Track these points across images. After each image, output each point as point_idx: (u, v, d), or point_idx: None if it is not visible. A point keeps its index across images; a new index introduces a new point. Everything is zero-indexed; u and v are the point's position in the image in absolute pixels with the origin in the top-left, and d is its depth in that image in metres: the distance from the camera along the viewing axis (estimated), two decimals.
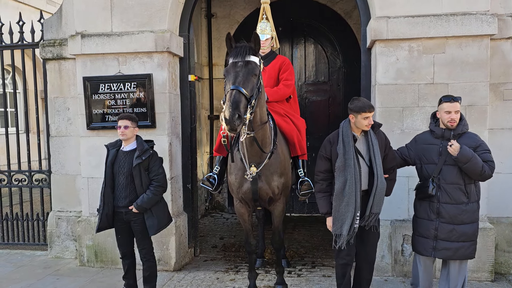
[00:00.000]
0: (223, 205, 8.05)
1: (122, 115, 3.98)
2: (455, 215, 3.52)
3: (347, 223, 3.45)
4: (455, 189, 3.52)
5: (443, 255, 3.60)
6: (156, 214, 3.95)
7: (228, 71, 3.37)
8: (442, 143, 3.58)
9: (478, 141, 3.58)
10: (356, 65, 5.83)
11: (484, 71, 4.47)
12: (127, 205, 3.91)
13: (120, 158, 3.94)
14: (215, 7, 7.80)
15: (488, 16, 4.38)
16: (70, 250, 5.58)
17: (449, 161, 3.53)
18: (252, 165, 3.84)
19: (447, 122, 3.54)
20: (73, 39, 5.06)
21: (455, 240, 3.52)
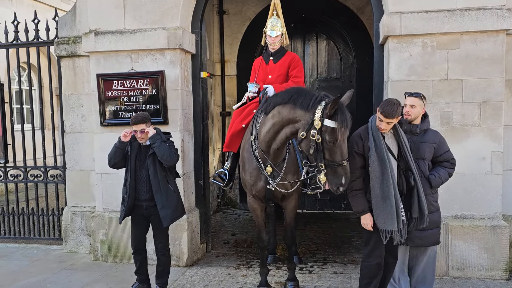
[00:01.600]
0: (235, 201, 8.07)
1: (136, 119, 3.91)
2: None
3: (393, 217, 3.40)
4: (424, 182, 3.62)
5: (416, 244, 3.72)
6: (169, 205, 3.99)
7: (337, 140, 3.25)
8: (410, 137, 3.66)
9: (440, 138, 3.73)
10: (369, 61, 5.79)
11: (500, 66, 4.40)
12: (149, 199, 3.98)
13: (141, 152, 4.01)
14: (227, 4, 7.80)
15: (504, 11, 4.30)
16: (84, 245, 5.66)
17: (418, 155, 3.65)
18: (268, 166, 3.86)
19: (404, 114, 3.66)
20: (87, 36, 5.11)
21: (426, 228, 3.64)
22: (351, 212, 7.44)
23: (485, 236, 4.48)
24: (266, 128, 3.73)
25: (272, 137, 3.72)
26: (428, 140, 3.67)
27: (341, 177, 3.27)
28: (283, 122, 3.59)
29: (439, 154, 3.69)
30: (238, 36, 7.81)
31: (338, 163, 3.26)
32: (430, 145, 3.66)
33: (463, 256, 4.51)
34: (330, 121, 3.23)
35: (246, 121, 4.32)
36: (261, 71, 4.61)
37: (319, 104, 3.30)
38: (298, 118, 3.44)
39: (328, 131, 3.23)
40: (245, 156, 4.09)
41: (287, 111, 3.53)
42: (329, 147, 3.25)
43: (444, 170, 3.69)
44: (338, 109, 3.22)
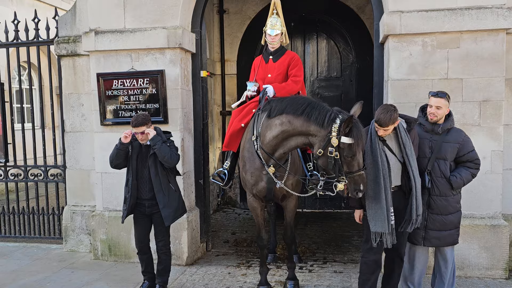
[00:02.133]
0: (235, 201, 8.08)
1: (136, 121, 3.89)
2: (443, 206, 3.64)
3: (384, 219, 3.44)
4: (443, 182, 3.62)
5: (433, 244, 3.73)
6: (171, 204, 4.03)
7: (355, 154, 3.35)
8: (432, 137, 3.64)
9: (464, 137, 3.68)
10: (369, 61, 5.79)
11: (500, 65, 4.39)
12: (151, 198, 4.00)
13: (142, 152, 4.02)
14: (227, 3, 7.80)
15: (504, 10, 4.30)
16: (85, 244, 5.67)
17: (439, 155, 3.62)
18: (271, 166, 3.87)
19: (428, 114, 3.64)
20: (87, 35, 5.11)
21: (444, 229, 3.66)
22: (352, 211, 7.44)
23: (485, 235, 4.48)
24: (274, 133, 3.76)
25: (280, 142, 3.77)
26: (450, 140, 3.62)
27: (359, 184, 3.38)
28: (295, 133, 3.65)
29: (463, 154, 3.63)
30: (238, 35, 7.81)
31: (358, 173, 3.37)
32: (453, 145, 3.62)
33: (463, 255, 4.50)
34: (347, 138, 3.33)
35: (245, 120, 4.32)
36: (260, 70, 4.61)
37: (334, 122, 3.39)
38: (312, 132, 3.52)
39: (346, 147, 3.34)
40: (246, 155, 4.10)
41: (300, 123, 3.59)
42: (347, 161, 3.37)
43: (467, 171, 3.64)
44: (353, 126, 3.32)
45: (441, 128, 3.62)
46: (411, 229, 3.57)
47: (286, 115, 3.67)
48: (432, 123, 3.65)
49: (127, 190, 4.03)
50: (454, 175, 3.62)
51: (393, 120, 3.41)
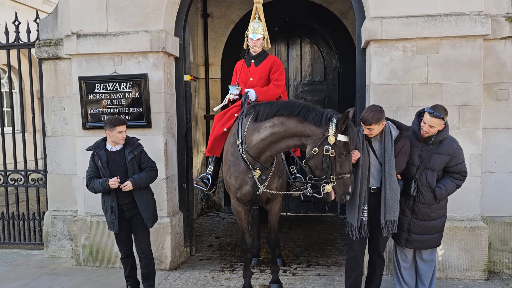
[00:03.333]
0: (219, 205, 8.06)
1: (121, 120, 3.96)
2: (426, 213, 3.72)
3: (354, 213, 3.63)
4: (428, 192, 3.68)
5: (415, 246, 3.81)
6: (150, 206, 4.08)
7: (349, 153, 3.46)
8: (423, 146, 3.67)
9: (456, 149, 3.68)
10: (352, 65, 5.86)
11: (478, 71, 4.49)
12: (130, 202, 3.98)
13: (113, 158, 3.99)
14: (211, 7, 7.81)
15: (481, 17, 4.41)
16: (66, 249, 5.59)
17: (428, 166, 3.66)
18: (257, 169, 3.88)
19: (420, 129, 3.65)
20: (69, 39, 5.06)
21: (426, 233, 3.75)
22: (335, 214, 7.53)
23: (465, 237, 4.56)
24: (262, 135, 3.74)
25: (268, 145, 3.75)
26: (442, 152, 3.64)
27: (348, 186, 3.48)
28: (286, 134, 3.65)
29: (452, 165, 3.67)
30: (222, 39, 7.82)
31: (348, 175, 3.45)
32: (443, 157, 3.64)
33: (444, 257, 4.58)
34: (343, 136, 3.42)
35: (227, 125, 4.33)
36: (242, 73, 4.63)
37: (331, 121, 3.45)
38: (307, 132, 3.54)
39: (341, 145, 3.42)
40: (230, 159, 4.09)
41: (294, 124, 3.60)
42: (341, 160, 3.44)
43: (453, 182, 3.69)
44: (348, 125, 3.42)
45: (432, 141, 3.63)
46: (385, 234, 3.64)
47: (278, 117, 3.67)
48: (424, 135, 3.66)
49: (111, 199, 3.97)
50: (439, 187, 3.66)
51: (376, 120, 3.48)
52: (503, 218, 4.79)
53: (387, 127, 3.63)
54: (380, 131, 3.62)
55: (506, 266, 4.77)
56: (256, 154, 3.83)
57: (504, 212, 4.79)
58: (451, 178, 3.69)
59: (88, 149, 4.07)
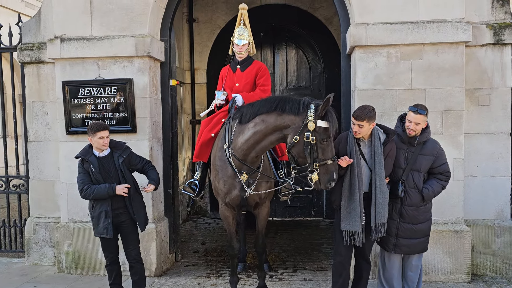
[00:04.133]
0: (205, 210, 8.02)
1: (101, 126, 3.92)
2: (414, 216, 3.76)
3: (357, 219, 3.59)
4: (416, 193, 3.73)
5: (403, 251, 3.83)
6: (141, 209, 4.06)
7: (329, 138, 3.47)
8: (408, 148, 3.74)
9: (439, 150, 3.79)
10: (337, 71, 5.92)
11: (460, 77, 4.58)
12: (120, 207, 3.95)
13: (103, 164, 3.95)
14: (197, 12, 7.80)
15: (463, 24, 4.50)
16: (48, 257, 5.48)
17: (414, 167, 3.73)
18: (244, 173, 3.87)
19: (406, 129, 3.72)
20: (52, 42, 5.00)
21: (414, 237, 3.78)
22: (321, 219, 7.56)
23: (449, 241, 4.63)
24: (246, 136, 3.77)
25: (252, 145, 3.77)
26: (426, 153, 3.73)
27: (332, 173, 3.48)
28: (267, 131, 3.67)
29: (436, 166, 3.75)
30: (208, 44, 7.82)
31: (330, 160, 3.45)
32: (428, 158, 3.73)
33: (428, 260, 4.62)
34: (323, 122, 3.44)
35: (215, 130, 4.33)
36: (228, 79, 4.64)
37: (309, 108, 3.47)
38: (287, 123, 3.56)
39: (321, 131, 3.43)
40: (218, 164, 4.09)
41: (273, 118, 3.63)
42: (322, 146, 3.45)
43: (438, 183, 3.76)
44: (327, 110, 3.44)
45: (417, 141, 3.71)
46: (375, 237, 3.66)
47: (259, 116, 3.71)
48: (409, 136, 3.73)
49: (107, 204, 3.91)
50: (426, 187, 3.73)
51: (369, 117, 3.53)
52: (485, 221, 4.87)
53: (375, 131, 3.67)
54: (369, 135, 3.66)
55: (489, 269, 4.84)
56: (242, 157, 3.83)
57: (487, 216, 4.87)
58: (436, 179, 3.77)
59: (76, 157, 4.02)
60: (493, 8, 4.77)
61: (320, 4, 7.43)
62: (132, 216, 3.99)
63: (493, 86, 4.78)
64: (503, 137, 4.80)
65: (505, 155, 4.81)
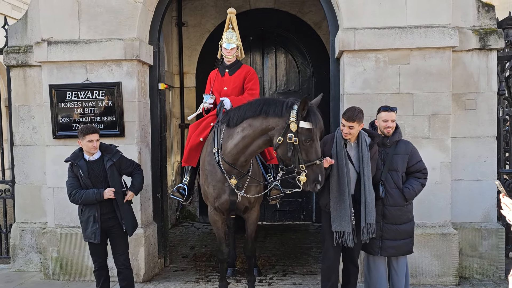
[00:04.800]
0: (194, 214, 7.97)
1: (91, 129, 3.90)
2: (397, 216, 3.79)
3: (347, 219, 3.61)
4: (397, 192, 3.78)
5: (389, 253, 3.85)
6: (129, 214, 4.01)
7: (313, 140, 3.43)
8: (383, 149, 3.81)
9: (412, 148, 3.86)
10: (326, 75, 5.94)
11: (447, 81, 4.63)
12: (108, 212, 3.90)
13: (92, 168, 3.91)
14: (186, 16, 7.79)
15: (449, 29, 4.56)
16: (35, 263, 5.40)
17: (391, 167, 3.78)
18: (233, 177, 3.87)
19: (384, 129, 3.79)
20: (39, 46, 4.94)
21: (398, 238, 3.80)
22: (310, 223, 7.56)
23: (437, 244, 4.66)
24: (235, 141, 3.78)
25: (241, 150, 3.78)
26: (400, 152, 3.79)
27: (317, 175, 3.43)
28: (255, 135, 3.69)
29: (411, 164, 3.81)
30: (197, 48, 7.80)
31: (314, 161, 3.42)
32: (403, 156, 3.79)
33: (416, 264, 4.65)
34: (305, 123, 3.42)
35: (203, 134, 4.32)
36: (216, 83, 4.65)
37: (292, 109, 3.47)
38: (272, 125, 3.58)
39: (304, 132, 3.41)
40: (207, 168, 4.08)
41: (259, 122, 3.65)
42: (305, 147, 3.43)
43: (417, 181, 3.81)
44: (310, 110, 3.42)
45: (389, 140, 3.79)
46: (365, 237, 3.67)
47: (246, 120, 3.73)
48: (383, 136, 3.81)
49: (96, 209, 3.87)
50: (407, 186, 3.78)
51: (359, 118, 3.60)
52: (472, 224, 4.91)
53: (361, 134, 3.73)
54: (356, 137, 3.71)
55: (476, 271, 4.89)
56: (232, 161, 3.84)
57: (473, 219, 4.92)
58: (414, 178, 3.83)
59: (66, 160, 3.98)
60: (479, 14, 4.84)
61: (309, 9, 7.47)
62: (120, 221, 3.95)
63: (479, 90, 4.84)
64: (489, 140, 4.86)
65: (491, 158, 4.87)
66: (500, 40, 4.76)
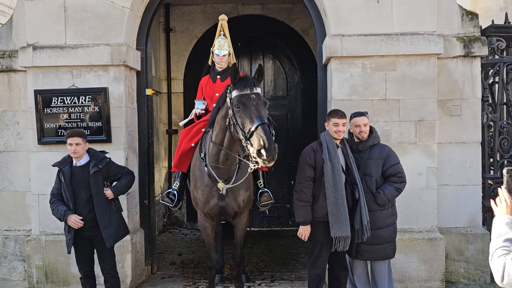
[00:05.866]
0: (182, 221, 7.91)
1: (72, 132, 3.87)
2: (371, 221, 3.75)
3: (346, 223, 3.61)
4: (371, 198, 3.77)
5: (364, 257, 3.86)
6: (111, 224, 3.89)
7: (244, 104, 3.32)
8: (358, 155, 3.84)
9: (387, 152, 3.86)
10: (313, 81, 5.99)
11: (432, 88, 4.69)
12: (90, 220, 3.83)
13: (77, 174, 3.86)
14: (174, 22, 7.78)
15: (434, 36, 4.63)
16: (18, 271, 5.29)
17: (365, 172, 3.80)
18: (220, 181, 3.86)
19: (358, 134, 3.83)
20: (24, 51, 4.88)
21: (374, 243, 3.77)
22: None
23: (423, 249, 4.69)
24: (213, 139, 3.82)
25: (218, 149, 3.78)
26: (374, 157, 3.80)
27: (259, 140, 3.15)
28: (221, 128, 3.71)
29: (386, 168, 3.79)
30: (185, 54, 7.79)
31: (254, 127, 3.20)
32: (377, 161, 3.79)
33: (404, 268, 4.68)
34: (235, 91, 3.40)
35: (195, 140, 4.32)
36: (208, 89, 4.65)
37: (229, 87, 3.52)
38: (225, 112, 3.60)
39: (235, 101, 3.36)
40: (197, 173, 4.08)
41: (220, 115, 3.70)
42: (240, 116, 3.31)
43: (391, 186, 3.77)
44: (240, 79, 3.40)
45: (362, 145, 3.83)
46: (365, 238, 3.68)
47: (216, 118, 3.81)
48: (357, 142, 3.86)
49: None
50: (379, 191, 3.77)
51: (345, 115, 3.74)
52: (458, 229, 4.96)
53: (343, 139, 3.82)
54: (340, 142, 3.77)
55: (462, 276, 4.93)
56: (214, 162, 3.85)
57: (459, 223, 4.97)
58: (389, 183, 3.80)
59: (53, 165, 3.93)
60: (463, 22, 4.93)
61: (296, 16, 7.53)
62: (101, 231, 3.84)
63: (464, 97, 4.92)
64: (474, 146, 4.93)
65: (476, 164, 4.93)
66: (484, 47, 4.86)
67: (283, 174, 7.34)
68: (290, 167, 7.12)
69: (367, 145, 3.82)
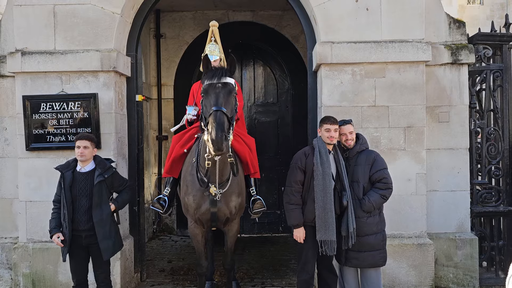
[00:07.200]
0: (172, 227, 7.86)
1: (81, 135, 3.88)
2: (358, 227, 3.77)
3: (332, 228, 3.64)
4: (357, 204, 3.80)
5: (352, 264, 3.86)
6: (110, 236, 3.86)
7: (207, 92, 3.37)
8: (346, 162, 3.89)
9: (374, 157, 3.90)
10: (304, 87, 6.02)
11: (421, 94, 4.75)
12: (88, 229, 3.79)
13: (79, 180, 3.81)
14: (164, 28, 7.77)
15: (423, 44, 4.69)
16: (5, 279, 5.20)
17: (353, 178, 3.85)
18: (212, 186, 3.83)
19: (345, 142, 3.89)
20: (13, 56, 4.84)
21: (361, 250, 3.79)
22: (289, 235, 7.55)
23: (413, 254, 4.72)
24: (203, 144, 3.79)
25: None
26: (361, 163, 3.83)
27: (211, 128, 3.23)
28: None
29: (372, 173, 3.82)
30: (176, 60, 7.79)
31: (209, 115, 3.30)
32: (364, 167, 3.82)
33: (394, 274, 4.70)
34: (205, 81, 3.47)
35: (187, 146, 4.29)
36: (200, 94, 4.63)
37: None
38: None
39: (202, 91, 3.45)
40: (189, 179, 4.05)
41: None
42: (204, 105, 3.41)
43: (376, 193, 3.78)
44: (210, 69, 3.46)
45: (349, 152, 3.87)
46: (350, 244, 3.70)
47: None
48: (344, 150, 3.91)
49: (65, 226, 3.78)
50: (364, 198, 3.79)
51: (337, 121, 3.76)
52: (447, 234, 5.00)
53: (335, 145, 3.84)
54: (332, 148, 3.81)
55: (451, 281, 4.97)
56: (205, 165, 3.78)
57: (448, 229, 5.01)
58: (375, 189, 3.81)
59: (56, 168, 3.88)
60: (451, 30, 5.01)
61: (287, 22, 7.57)
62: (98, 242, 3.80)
63: (452, 103, 4.98)
64: (462, 152, 4.99)
65: (464, 170, 4.99)
66: (471, 55, 4.93)
67: (274, 180, 7.36)
68: (280, 173, 7.13)
69: (354, 152, 3.86)
